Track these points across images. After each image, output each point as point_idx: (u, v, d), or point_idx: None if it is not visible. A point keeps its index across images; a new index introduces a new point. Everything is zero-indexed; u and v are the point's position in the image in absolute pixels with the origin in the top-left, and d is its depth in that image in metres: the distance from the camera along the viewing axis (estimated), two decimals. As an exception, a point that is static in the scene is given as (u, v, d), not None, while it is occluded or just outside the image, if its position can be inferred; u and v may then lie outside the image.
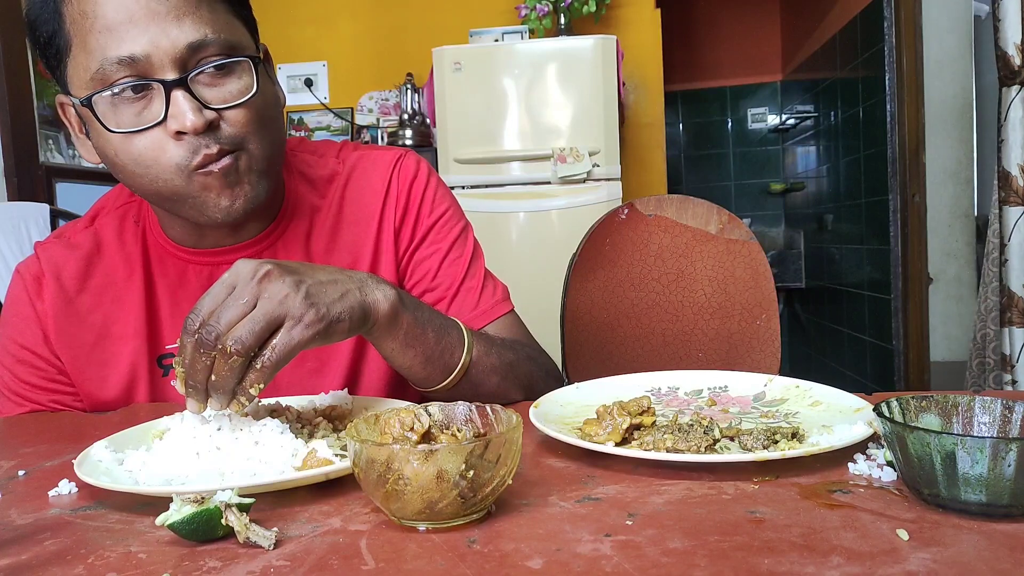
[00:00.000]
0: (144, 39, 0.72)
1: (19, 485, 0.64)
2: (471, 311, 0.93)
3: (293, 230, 0.91)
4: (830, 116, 3.95)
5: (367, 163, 0.96)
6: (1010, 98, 2.17)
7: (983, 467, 0.45)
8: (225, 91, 0.76)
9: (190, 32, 0.73)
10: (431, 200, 0.96)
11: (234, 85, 0.76)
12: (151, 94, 0.74)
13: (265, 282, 0.63)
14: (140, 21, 0.72)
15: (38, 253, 0.91)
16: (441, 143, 2.72)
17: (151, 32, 0.72)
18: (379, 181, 0.94)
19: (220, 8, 0.77)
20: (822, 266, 4.18)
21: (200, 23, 0.74)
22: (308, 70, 3.51)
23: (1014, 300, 2.21)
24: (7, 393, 0.91)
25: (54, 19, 0.74)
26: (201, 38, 0.74)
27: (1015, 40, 2.13)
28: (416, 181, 0.95)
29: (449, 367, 0.80)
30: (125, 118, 0.74)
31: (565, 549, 0.45)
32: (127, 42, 0.72)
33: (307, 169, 0.94)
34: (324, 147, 0.98)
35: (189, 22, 0.73)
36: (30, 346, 0.89)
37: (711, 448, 0.61)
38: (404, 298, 0.74)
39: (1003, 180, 2.21)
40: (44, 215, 2.45)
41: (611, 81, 2.64)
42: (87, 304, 0.89)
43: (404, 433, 0.55)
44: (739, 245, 1.39)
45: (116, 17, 0.71)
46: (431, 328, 0.77)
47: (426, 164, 0.98)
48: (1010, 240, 2.20)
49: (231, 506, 0.48)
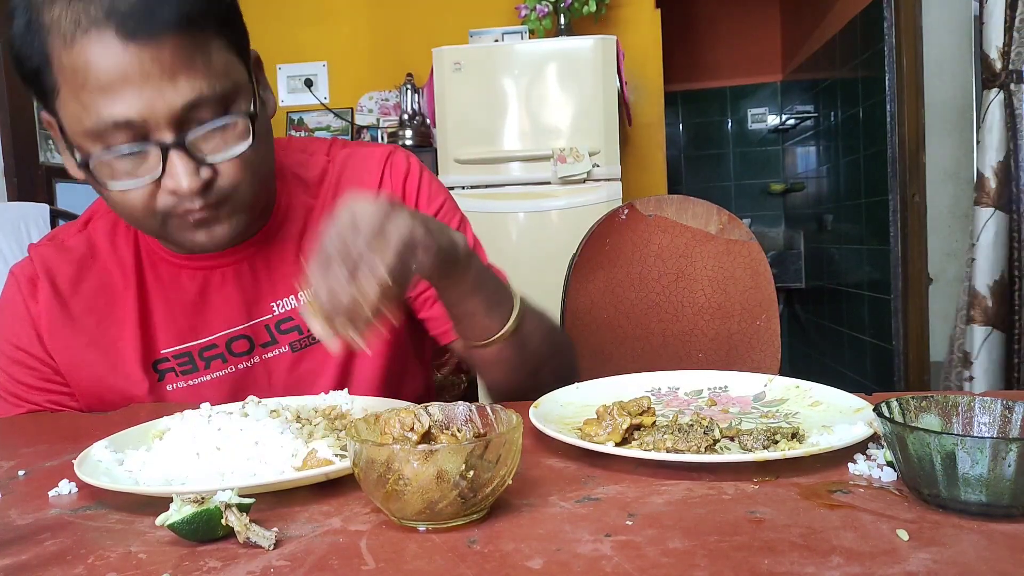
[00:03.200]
0: (139, 102, 0.70)
1: (19, 485, 0.64)
2: None
3: (286, 231, 0.91)
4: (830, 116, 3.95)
5: (357, 161, 0.95)
6: (989, 100, 2.18)
7: (983, 467, 0.45)
8: (221, 145, 0.75)
9: (185, 92, 0.71)
10: (427, 194, 0.96)
11: (230, 139, 0.75)
12: (147, 152, 0.73)
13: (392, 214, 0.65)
14: (134, 82, 0.69)
15: (32, 255, 0.91)
16: (441, 143, 2.72)
17: (146, 94, 0.69)
18: (370, 178, 0.94)
19: (213, 47, 0.73)
20: (822, 266, 4.18)
21: (195, 78, 0.71)
22: (308, 70, 3.51)
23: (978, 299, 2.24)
24: (3, 394, 0.91)
25: (41, 57, 0.71)
26: (197, 96, 0.71)
27: (997, 44, 2.14)
28: (409, 177, 0.95)
29: (505, 316, 0.81)
30: (120, 172, 0.74)
31: (565, 549, 0.45)
32: (121, 104, 0.69)
33: (299, 169, 0.94)
34: (314, 145, 0.97)
35: (184, 79, 0.71)
36: (25, 347, 0.89)
37: (711, 448, 0.61)
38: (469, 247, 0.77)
39: (978, 181, 2.26)
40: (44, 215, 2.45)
41: (611, 81, 2.63)
42: (80, 308, 0.89)
43: (404, 433, 0.55)
44: (739, 245, 1.39)
45: (109, 78, 0.69)
46: (489, 275, 0.80)
47: (415, 159, 0.98)
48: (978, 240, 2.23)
49: (231, 506, 0.48)
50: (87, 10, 0.68)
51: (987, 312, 2.22)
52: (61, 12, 0.69)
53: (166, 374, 0.90)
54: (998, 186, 2.19)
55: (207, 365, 0.90)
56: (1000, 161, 2.18)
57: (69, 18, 0.68)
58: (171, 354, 0.90)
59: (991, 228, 2.21)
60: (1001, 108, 2.17)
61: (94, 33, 0.68)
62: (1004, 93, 2.16)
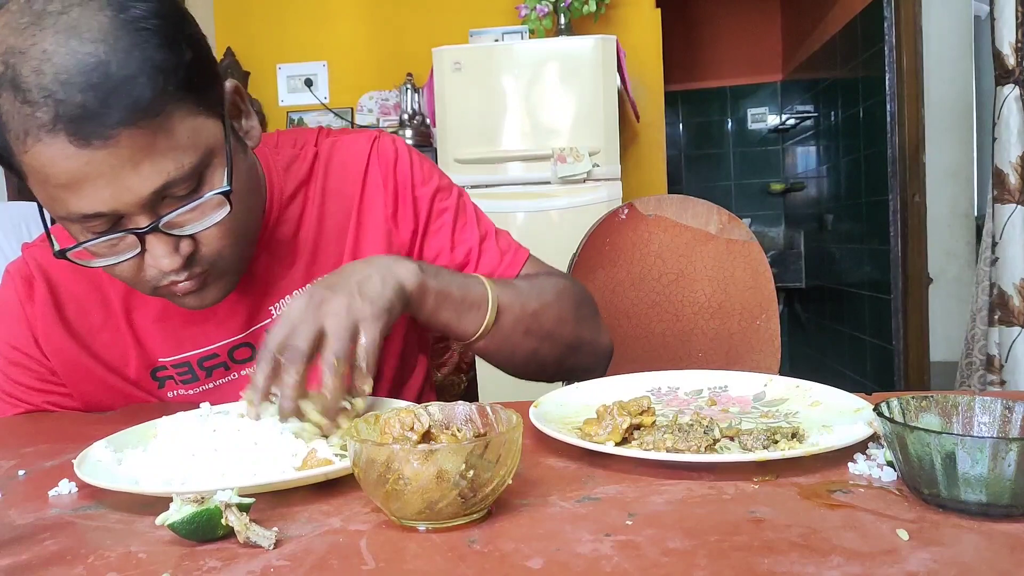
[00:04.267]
0: (106, 194, 0.66)
1: (19, 485, 0.64)
2: (498, 265, 0.95)
3: (281, 232, 0.90)
4: (830, 116, 3.95)
5: (342, 149, 0.94)
6: (1004, 97, 2.17)
7: (983, 467, 0.45)
8: (199, 214, 0.72)
9: (151, 179, 0.66)
10: (420, 177, 0.95)
11: (207, 207, 0.72)
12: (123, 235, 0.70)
13: (323, 305, 0.68)
14: (97, 179, 0.65)
15: (26, 255, 0.90)
16: (441, 143, 2.72)
17: (112, 187, 0.65)
18: (355, 167, 0.93)
19: (176, 121, 0.67)
20: (822, 266, 4.18)
21: (160, 160, 0.66)
22: (308, 70, 3.51)
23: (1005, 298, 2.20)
24: (2, 395, 0.91)
25: (3, 148, 0.66)
26: (164, 181, 0.67)
27: (1010, 40, 2.14)
28: (399, 163, 0.94)
29: (479, 319, 0.82)
30: (98, 249, 0.71)
31: (565, 549, 0.45)
32: (88, 199, 0.66)
33: (292, 164, 0.92)
34: (303, 137, 0.96)
35: (147, 166, 0.66)
36: (21, 347, 0.88)
37: (711, 448, 0.61)
38: (423, 267, 0.78)
39: (997, 178, 2.22)
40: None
41: (611, 81, 2.63)
42: (74, 311, 0.88)
43: (404, 433, 0.55)
44: (739, 245, 1.39)
45: (69, 179, 0.65)
46: (454, 286, 0.81)
47: (402, 142, 0.97)
48: (1001, 237, 2.20)
49: (231, 506, 0.48)
50: (34, 115, 0.62)
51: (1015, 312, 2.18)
52: (9, 111, 0.63)
53: (166, 381, 0.90)
54: (1019, 181, 2.15)
55: (208, 374, 0.90)
56: (1020, 156, 2.14)
57: (18, 120, 0.63)
58: (169, 363, 0.89)
59: (1016, 224, 2.16)
60: (1018, 103, 2.15)
61: (46, 139, 0.63)
62: (1020, 89, 2.15)
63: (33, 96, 0.62)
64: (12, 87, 0.62)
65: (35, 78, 0.62)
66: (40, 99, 0.62)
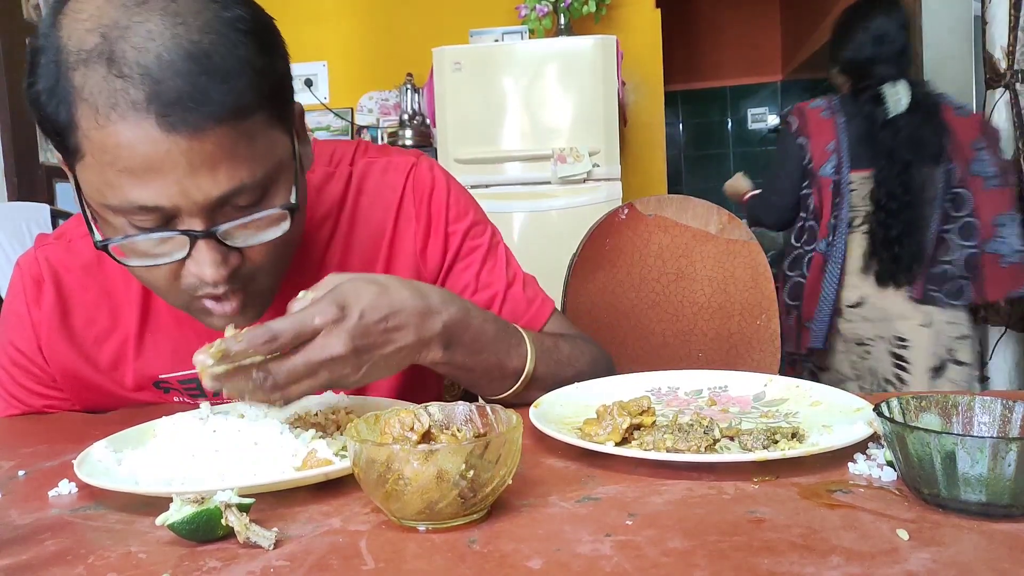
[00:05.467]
0: (173, 190, 0.62)
1: (19, 485, 0.64)
2: (523, 315, 0.90)
3: (307, 253, 0.86)
4: (830, 116, 3.93)
5: (377, 174, 0.90)
6: (994, 100, 2.18)
7: (983, 467, 0.45)
8: (254, 230, 0.69)
9: (224, 183, 0.64)
10: (456, 212, 0.91)
11: (264, 227, 0.69)
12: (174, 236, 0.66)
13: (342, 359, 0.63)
14: (170, 172, 0.62)
15: (39, 254, 0.88)
16: (441, 143, 2.72)
17: (183, 184, 0.62)
18: (391, 194, 0.89)
19: (259, 130, 0.66)
20: (822, 266, 4.17)
21: (237, 167, 0.64)
22: (308, 70, 3.51)
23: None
24: (3, 394, 0.91)
25: (65, 117, 0.62)
26: (237, 186, 0.64)
27: (1001, 43, 2.14)
28: (435, 194, 0.90)
29: (504, 389, 0.79)
30: (142, 246, 0.68)
31: (565, 549, 0.45)
32: (152, 191, 0.62)
33: (325, 185, 0.89)
34: (339, 153, 0.92)
35: (224, 169, 0.63)
36: (24, 350, 0.88)
37: (711, 448, 0.61)
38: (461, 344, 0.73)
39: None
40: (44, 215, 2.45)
41: (611, 81, 2.64)
42: (81, 320, 0.87)
43: (404, 433, 0.55)
44: (739, 245, 1.39)
45: (143, 165, 0.61)
46: (484, 365, 0.76)
47: (440, 169, 0.93)
48: None
49: (231, 506, 0.48)
50: (126, 90, 0.59)
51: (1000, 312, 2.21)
52: (96, 83, 0.60)
53: (171, 391, 0.89)
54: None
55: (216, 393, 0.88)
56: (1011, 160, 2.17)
57: (104, 93, 0.60)
58: (176, 379, 0.87)
59: None
60: (1007, 107, 2.17)
61: (132, 118, 0.60)
62: (1010, 92, 2.16)
63: (130, 72, 0.59)
64: (106, 60, 0.60)
65: (135, 55, 0.59)
66: (137, 75, 0.59)
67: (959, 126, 1.99)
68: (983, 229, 1.96)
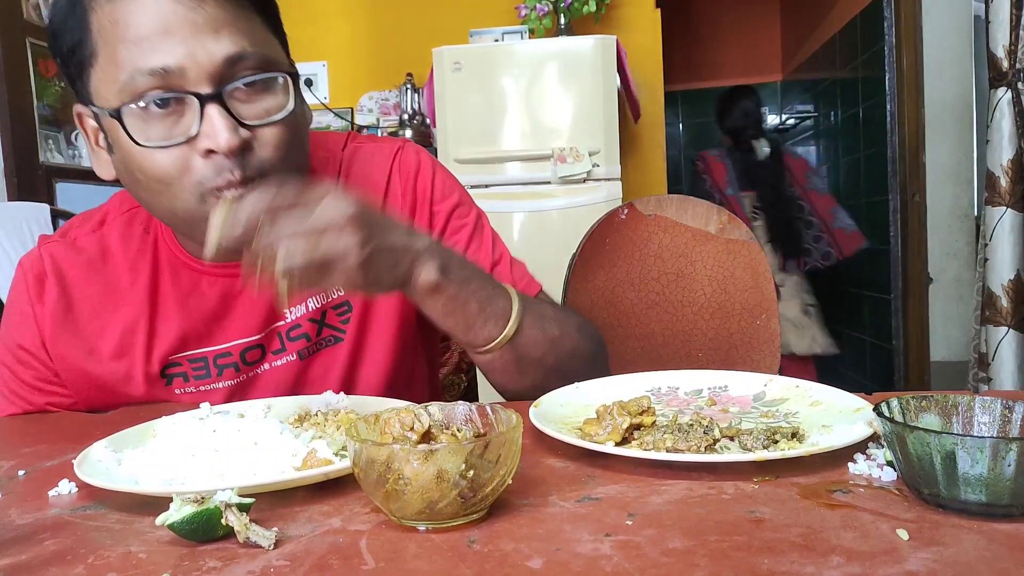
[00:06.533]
0: (180, 51, 0.69)
1: (19, 485, 0.64)
2: None
3: None
4: (830, 116, 3.95)
5: (364, 158, 0.93)
6: (997, 99, 2.18)
7: (983, 467, 0.45)
8: (260, 107, 0.74)
9: (228, 45, 0.71)
10: (440, 192, 0.93)
11: (270, 102, 0.74)
12: (183, 108, 0.71)
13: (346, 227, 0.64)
14: (176, 32, 0.69)
15: (43, 251, 0.89)
16: (441, 143, 2.72)
17: (188, 44, 0.69)
18: (379, 175, 0.92)
19: (257, 22, 0.75)
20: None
21: (238, 35, 0.71)
22: (308, 70, 3.50)
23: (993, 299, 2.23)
24: (6, 392, 0.91)
25: (80, 28, 0.72)
26: (239, 51, 0.71)
27: (1004, 42, 2.14)
28: (420, 175, 0.93)
29: (491, 336, 0.79)
30: (154, 132, 0.71)
31: (565, 549, 0.45)
32: (160, 53, 0.69)
33: (319, 167, 0.91)
34: (332, 140, 0.95)
35: (227, 34, 0.71)
36: (28, 347, 0.88)
37: (711, 448, 0.61)
38: (452, 270, 0.74)
39: (988, 180, 2.24)
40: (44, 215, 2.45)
41: (611, 81, 2.63)
42: (85, 315, 0.88)
43: (404, 433, 0.55)
44: (739, 245, 1.39)
45: (150, 27, 0.69)
46: (475, 300, 0.77)
47: (426, 154, 0.96)
48: (991, 239, 2.22)
49: (231, 506, 0.48)
50: None
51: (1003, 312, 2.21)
52: None
53: (175, 379, 0.89)
54: (1009, 184, 2.17)
55: (220, 372, 0.89)
56: (1011, 159, 2.17)
57: None
58: (186, 358, 0.88)
59: (1004, 227, 2.19)
60: (1010, 106, 2.16)
61: None
62: (1012, 91, 2.15)
63: None
64: None
65: None
66: None
67: (794, 164, 3.35)
68: (824, 218, 3.24)
